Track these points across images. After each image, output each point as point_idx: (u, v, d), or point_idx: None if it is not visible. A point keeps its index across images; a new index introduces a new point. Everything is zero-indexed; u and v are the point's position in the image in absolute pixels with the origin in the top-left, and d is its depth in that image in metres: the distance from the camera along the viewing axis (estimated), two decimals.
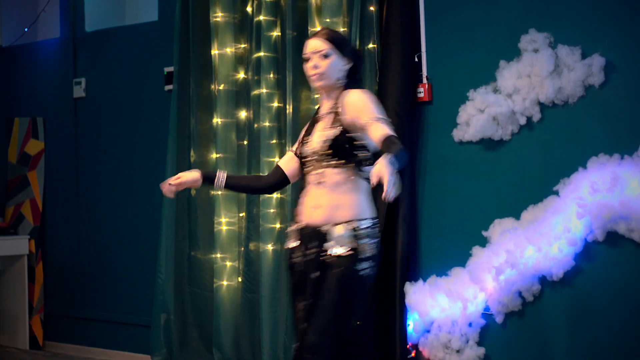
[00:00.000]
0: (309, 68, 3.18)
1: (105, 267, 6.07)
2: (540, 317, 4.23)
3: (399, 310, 4.48)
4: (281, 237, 4.88)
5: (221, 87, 5.17)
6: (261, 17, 4.99)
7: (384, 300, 4.52)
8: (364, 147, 3.11)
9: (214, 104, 5.23)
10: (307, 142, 3.21)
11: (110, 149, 6.08)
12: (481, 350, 4.35)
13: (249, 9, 5.15)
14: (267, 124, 4.98)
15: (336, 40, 3.17)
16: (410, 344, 4.49)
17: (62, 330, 6.31)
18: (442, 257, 4.50)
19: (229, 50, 5.17)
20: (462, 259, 4.39)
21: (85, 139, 6.24)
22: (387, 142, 2.88)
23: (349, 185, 3.09)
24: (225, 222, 5.14)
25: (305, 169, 3.22)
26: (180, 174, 3.35)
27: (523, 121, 4.28)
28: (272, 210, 4.94)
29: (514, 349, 4.31)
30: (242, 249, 5.10)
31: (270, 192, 3.38)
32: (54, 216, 6.41)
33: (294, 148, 3.36)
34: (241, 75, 5.22)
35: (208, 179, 3.33)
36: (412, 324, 4.50)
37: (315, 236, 3.10)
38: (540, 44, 4.20)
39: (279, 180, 3.34)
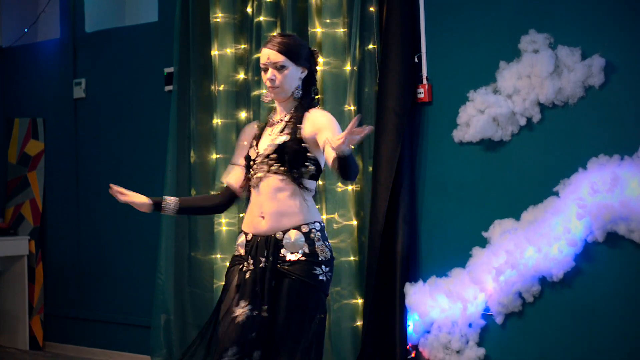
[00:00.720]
0: (266, 80, 3.11)
1: (105, 268, 6.07)
2: (540, 317, 4.23)
3: (399, 311, 4.48)
4: None
5: (221, 88, 5.17)
6: (261, 18, 4.99)
7: (384, 301, 4.53)
8: (311, 161, 3.05)
9: (214, 104, 5.23)
10: (253, 146, 3.14)
11: (110, 149, 6.08)
12: (481, 351, 4.35)
13: (249, 9, 5.15)
14: None
15: (290, 51, 3.08)
16: (410, 344, 4.49)
17: (62, 331, 6.31)
18: (442, 257, 4.50)
19: (229, 50, 5.17)
20: (462, 260, 4.39)
21: (85, 140, 6.23)
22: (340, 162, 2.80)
23: (289, 191, 3.02)
24: (225, 223, 5.13)
25: (249, 174, 3.12)
26: (127, 193, 3.31)
27: (523, 122, 4.27)
28: None
29: (514, 350, 4.31)
30: None
31: (222, 211, 3.32)
32: (54, 216, 6.41)
33: (237, 160, 3.25)
34: (241, 75, 5.22)
35: (158, 206, 3.30)
36: (412, 325, 4.50)
37: (266, 245, 3.03)
38: (540, 44, 4.20)
39: (231, 197, 3.24)
